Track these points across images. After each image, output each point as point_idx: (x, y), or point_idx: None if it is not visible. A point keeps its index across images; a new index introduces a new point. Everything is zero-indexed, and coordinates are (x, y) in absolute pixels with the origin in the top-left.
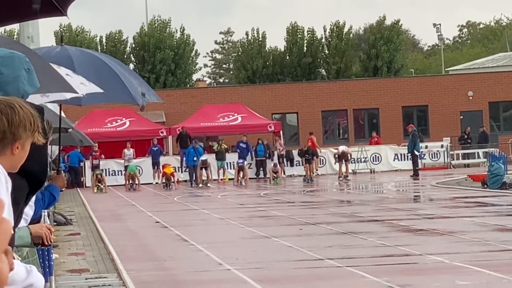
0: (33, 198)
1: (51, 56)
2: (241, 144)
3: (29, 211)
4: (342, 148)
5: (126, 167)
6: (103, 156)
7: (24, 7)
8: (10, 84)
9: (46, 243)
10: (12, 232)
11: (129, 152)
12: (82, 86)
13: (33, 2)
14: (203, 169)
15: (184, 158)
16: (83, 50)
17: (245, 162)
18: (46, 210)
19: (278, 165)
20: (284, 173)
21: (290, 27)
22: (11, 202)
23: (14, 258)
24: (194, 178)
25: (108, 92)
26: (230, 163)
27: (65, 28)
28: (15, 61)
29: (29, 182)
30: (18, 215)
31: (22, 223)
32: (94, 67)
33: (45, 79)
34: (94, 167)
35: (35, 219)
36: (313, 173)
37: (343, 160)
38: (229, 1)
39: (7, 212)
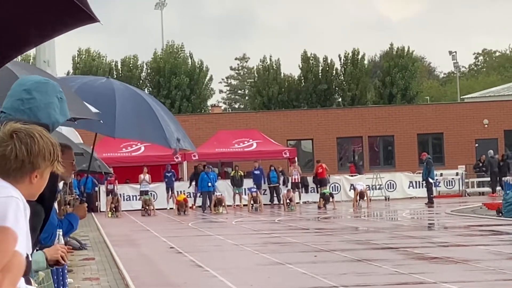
0: None
1: (94, 87)
2: (255, 172)
3: None
4: (359, 187)
5: (141, 192)
6: (117, 181)
7: (57, 21)
8: (41, 110)
9: (62, 263)
10: (30, 259)
11: (145, 177)
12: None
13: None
14: (217, 205)
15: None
16: (128, 86)
17: (259, 190)
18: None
19: (291, 191)
20: (300, 199)
21: (304, 55)
22: (29, 228)
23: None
24: (208, 204)
25: (143, 131)
26: (245, 189)
27: (82, 53)
28: (48, 88)
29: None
30: (35, 241)
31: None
32: (133, 103)
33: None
34: (109, 192)
35: (50, 244)
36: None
37: (362, 198)
38: (244, 27)
39: (25, 239)
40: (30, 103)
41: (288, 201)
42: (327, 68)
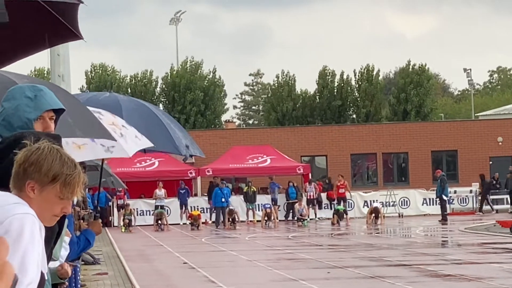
0: (68, 239)
1: (99, 101)
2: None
3: (64, 252)
4: (375, 205)
5: (156, 207)
6: (126, 196)
7: (39, 37)
8: (13, 116)
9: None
10: (46, 278)
11: (160, 192)
12: (136, 139)
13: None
14: (230, 219)
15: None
16: (132, 98)
17: (274, 206)
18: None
19: (302, 200)
20: (316, 215)
21: (322, 70)
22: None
23: None
24: (221, 220)
25: (153, 139)
26: (258, 204)
27: (96, 68)
28: (15, 92)
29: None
30: (48, 255)
31: (57, 264)
32: (140, 114)
33: (84, 125)
34: (120, 207)
35: (70, 261)
36: (348, 224)
37: (376, 216)
38: (259, 43)
39: (41, 256)
40: (2, 114)
41: (299, 215)
42: (342, 84)
